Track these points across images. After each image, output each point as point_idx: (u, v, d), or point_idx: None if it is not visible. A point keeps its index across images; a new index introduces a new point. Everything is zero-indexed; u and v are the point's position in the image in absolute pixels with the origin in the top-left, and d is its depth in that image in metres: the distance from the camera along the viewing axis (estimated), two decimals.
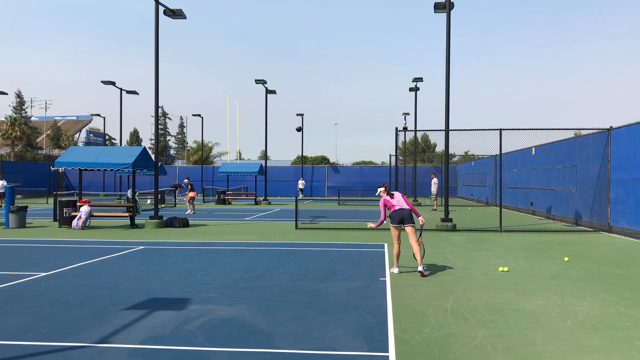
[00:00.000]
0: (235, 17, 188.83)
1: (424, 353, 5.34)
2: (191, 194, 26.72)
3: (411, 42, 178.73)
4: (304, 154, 59.96)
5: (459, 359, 5.17)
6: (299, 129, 49.23)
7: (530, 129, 18.17)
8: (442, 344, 5.64)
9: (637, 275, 9.66)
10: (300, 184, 46.76)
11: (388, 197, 10.02)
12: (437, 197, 31.15)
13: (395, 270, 9.86)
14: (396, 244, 9.94)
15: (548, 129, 18.40)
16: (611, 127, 17.20)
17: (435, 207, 29.13)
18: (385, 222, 10.25)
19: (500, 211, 18.17)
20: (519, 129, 18.00)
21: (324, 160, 77.01)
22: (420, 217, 10.02)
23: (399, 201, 9.93)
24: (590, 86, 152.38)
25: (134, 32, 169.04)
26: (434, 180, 30.97)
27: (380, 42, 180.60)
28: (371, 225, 10.46)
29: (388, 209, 9.99)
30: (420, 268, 9.53)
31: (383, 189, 10.20)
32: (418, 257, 9.65)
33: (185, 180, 28.07)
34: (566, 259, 11.41)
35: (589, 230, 17.62)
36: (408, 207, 9.82)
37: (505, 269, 10.14)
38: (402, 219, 9.73)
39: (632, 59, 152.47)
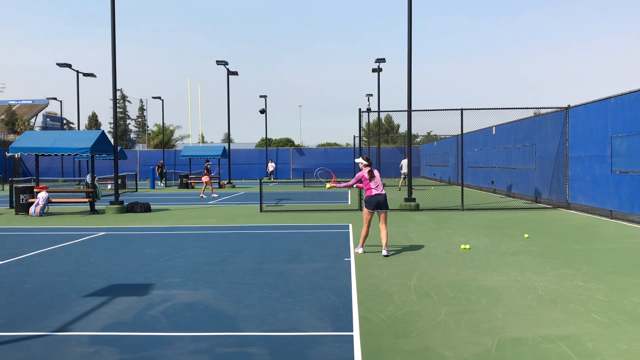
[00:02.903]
0: None
1: (388, 331, 5.39)
2: (205, 178, 26.73)
3: (374, 23, 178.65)
4: (269, 137, 59.67)
5: (423, 336, 5.23)
6: (263, 111, 48.89)
7: (490, 109, 18.46)
8: (406, 321, 5.70)
9: (594, 250, 9.95)
10: (270, 166, 45.73)
11: (367, 175, 9.70)
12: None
13: (360, 250, 9.90)
14: (366, 227, 9.85)
15: (508, 109, 18.70)
16: (569, 105, 17.57)
17: (400, 187, 29.57)
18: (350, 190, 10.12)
19: (462, 190, 18.46)
20: (480, 109, 18.27)
21: (288, 142, 76.81)
22: None
23: (377, 185, 9.68)
24: (549, 66, 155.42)
25: (90, 12, 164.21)
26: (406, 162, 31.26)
27: (343, 23, 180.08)
28: (332, 185, 10.42)
29: (364, 188, 9.84)
30: (384, 252, 9.58)
31: (365, 162, 9.80)
32: (384, 241, 9.67)
33: (207, 164, 27.66)
34: (526, 235, 11.67)
35: (548, 208, 18.06)
36: (384, 193, 9.66)
37: (467, 246, 10.31)
38: (378, 203, 9.63)
39: (590, 39, 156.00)
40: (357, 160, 10.10)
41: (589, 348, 4.86)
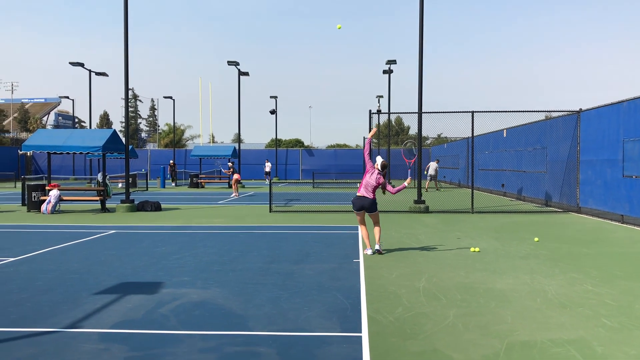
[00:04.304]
0: None
1: (396, 333, 5.40)
2: (236, 176, 26.96)
3: (385, 24, 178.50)
4: (278, 137, 59.75)
5: (431, 338, 5.23)
6: (273, 112, 48.96)
7: (501, 112, 18.39)
8: (415, 323, 5.70)
9: (604, 255, 9.89)
10: (267, 166, 44.04)
11: (369, 175, 9.77)
12: (435, 180, 31.52)
13: (369, 251, 9.92)
14: (361, 226, 10.17)
15: (519, 111, 18.65)
16: (580, 109, 17.46)
17: (428, 188, 30.13)
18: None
19: (472, 193, 18.40)
20: (491, 112, 18.19)
21: (298, 143, 76.87)
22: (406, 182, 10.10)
23: (367, 188, 9.79)
24: (561, 69, 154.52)
25: (103, 12, 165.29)
26: (435, 165, 31.27)
27: (354, 24, 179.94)
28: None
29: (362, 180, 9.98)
30: (377, 247, 9.84)
31: (380, 168, 9.82)
32: (377, 237, 9.90)
33: (229, 164, 27.72)
34: (536, 239, 11.61)
35: (559, 211, 17.96)
36: (370, 198, 9.75)
37: (477, 249, 10.29)
38: (362, 206, 9.84)
39: (602, 43, 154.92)
40: (378, 159, 10.01)
41: (598, 352, 4.84)
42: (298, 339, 5.25)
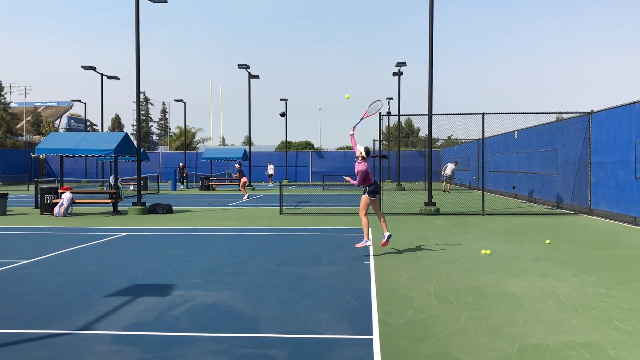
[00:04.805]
0: (217, 0, 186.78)
1: (407, 335, 5.39)
2: (244, 180, 26.93)
3: (395, 26, 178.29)
4: (288, 139, 59.83)
5: (442, 341, 5.22)
6: (283, 114, 48.93)
7: (512, 113, 18.27)
8: (425, 326, 5.70)
9: (617, 257, 9.82)
10: (270, 169, 44.07)
11: (365, 164, 9.76)
12: (450, 181, 31.49)
13: (369, 242, 10.10)
14: (366, 216, 10.29)
15: (530, 113, 18.55)
16: (592, 110, 17.35)
17: (446, 190, 30.18)
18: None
19: (483, 194, 18.32)
20: (502, 113, 18.10)
21: (308, 145, 76.92)
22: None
23: (370, 175, 9.91)
24: (571, 70, 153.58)
25: (115, 16, 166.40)
26: (452, 166, 31.24)
27: (364, 26, 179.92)
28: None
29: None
30: (388, 233, 10.18)
31: (363, 150, 9.83)
32: (385, 224, 10.23)
33: (237, 166, 27.84)
34: (548, 241, 11.55)
35: (570, 213, 17.85)
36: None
37: (488, 251, 10.25)
38: (378, 191, 10.17)
39: (613, 43, 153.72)
40: (360, 149, 9.82)
41: (612, 356, 4.81)
42: (309, 341, 5.26)
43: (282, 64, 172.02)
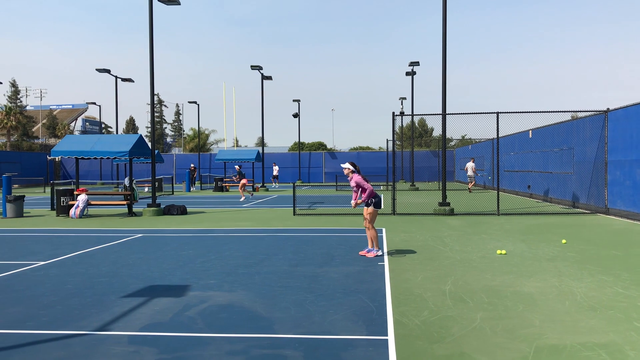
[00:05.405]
0: (230, 2, 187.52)
1: (422, 336, 5.37)
2: (243, 181, 27.00)
3: (408, 26, 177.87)
4: (301, 140, 59.88)
5: (458, 341, 5.19)
6: (296, 115, 49.12)
7: (527, 112, 18.13)
8: (441, 326, 5.67)
9: (634, 256, 9.71)
10: (275, 170, 43.82)
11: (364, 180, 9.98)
12: (473, 180, 31.35)
13: (380, 252, 10.11)
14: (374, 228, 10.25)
15: (545, 112, 18.39)
16: (608, 109, 17.17)
17: (470, 190, 30.19)
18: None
19: (498, 194, 18.20)
20: (516, 112, 17.97)
21: (321, 146, 76.85)
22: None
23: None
24: (587, 68, 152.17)
25: (128, 19, 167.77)
26: (472, 165, 31.07)
27: (376, 26, 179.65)
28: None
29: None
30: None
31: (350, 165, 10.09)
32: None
33: (237, 167, 27.95)
34: (564, 241, 11.45)
35: (587, 213, 17.67)
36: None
37: (503, 251, 10.18)
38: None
39: (629, 41, 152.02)
40: (346, 166, 10.06)
41: (631, 357, 4.75)
42: (324, 342, 5.26)
43: (294, 65, 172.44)
